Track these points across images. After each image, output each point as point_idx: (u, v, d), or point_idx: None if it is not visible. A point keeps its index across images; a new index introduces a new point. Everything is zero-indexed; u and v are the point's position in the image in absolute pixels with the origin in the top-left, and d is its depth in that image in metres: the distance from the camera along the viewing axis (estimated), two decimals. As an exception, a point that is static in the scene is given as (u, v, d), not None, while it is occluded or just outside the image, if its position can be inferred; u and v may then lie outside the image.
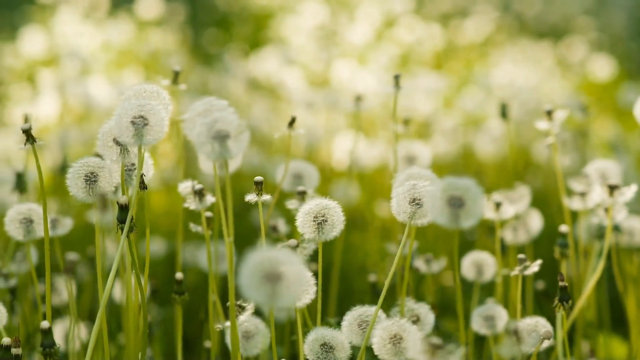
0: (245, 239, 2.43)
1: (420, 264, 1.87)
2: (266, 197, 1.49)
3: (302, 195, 1.66)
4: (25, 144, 1.40)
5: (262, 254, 1.11)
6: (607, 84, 3.97)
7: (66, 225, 1.71)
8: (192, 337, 2.17)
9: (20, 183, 1.85)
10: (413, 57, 3.82)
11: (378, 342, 1.43)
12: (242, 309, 1.42)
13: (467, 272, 1.85)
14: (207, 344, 1.77)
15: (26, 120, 1.83)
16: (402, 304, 1.60)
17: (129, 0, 5.22)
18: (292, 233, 1.89)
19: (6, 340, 1.46)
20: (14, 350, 1.46)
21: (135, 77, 3.42)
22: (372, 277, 1.94)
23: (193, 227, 1.63)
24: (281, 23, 4.80)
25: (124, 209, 1.41)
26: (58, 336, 1.85)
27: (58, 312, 2.02)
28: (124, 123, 1.40)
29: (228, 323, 1.58)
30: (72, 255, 1.77)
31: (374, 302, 1.70)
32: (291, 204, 1.65)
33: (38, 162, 1.42)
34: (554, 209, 2.30)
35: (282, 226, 1.83)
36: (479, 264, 1.84)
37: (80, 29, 4.50)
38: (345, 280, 2.34)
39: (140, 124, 1.39)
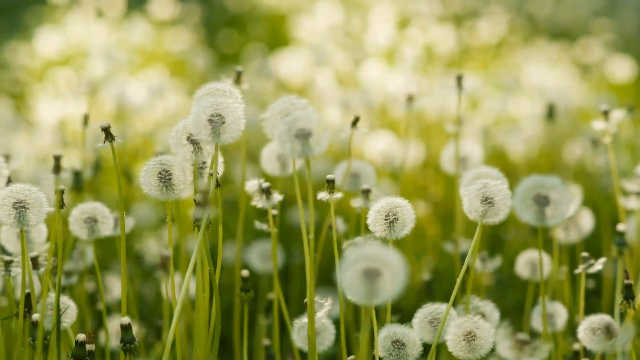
0: (290, 236, 2.44)
1: (477, 262, 1.88)
2: (337, 195, 1.50)
3: (366, 194, 1.67)
4: (104, 142, 1.41)
5: (362, 251, 1.12)
6: (626, 85, 3.99)
7: (128, 224, 1.72)
8: (229, 335, 2.17)
9: (78, 181, 1.86)
10: (435, 58, 3.83)
11: (452, 339, 1.44)
12: (320, 305, 1.43)
13: (522, 271, 1.86)
14: (266, 341, 1.78)
15: (86, 120, 1.84)
16: (467, 302, 1.61)
17: (142, 1, 5.22)
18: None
19: (81, 336, 1.47)
20: (87, 347, 1.47)
21: (161, 77, 3.42)
22: (425, 276, 1.95)
23: (258, 224, 1.64)
24: (297, 24, 4.81)
25: (201, 206, 1.42)
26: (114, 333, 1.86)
27: (109, 310, 2.03)
28: (201, 121, 1.41)
29: (305, 319, 1.60)
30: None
31: (424, 300, 1.72)
32: (355, 202, 1.66)
33: (115, 159, 1.43)
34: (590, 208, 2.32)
35: (340, 225, 1.84)
36: (534, 262, 1.86)
37: (95, 29, 4.50)
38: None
39: (217, 122, 1.40)
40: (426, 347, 1.51)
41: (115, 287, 2.04)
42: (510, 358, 1.25)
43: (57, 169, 1.36)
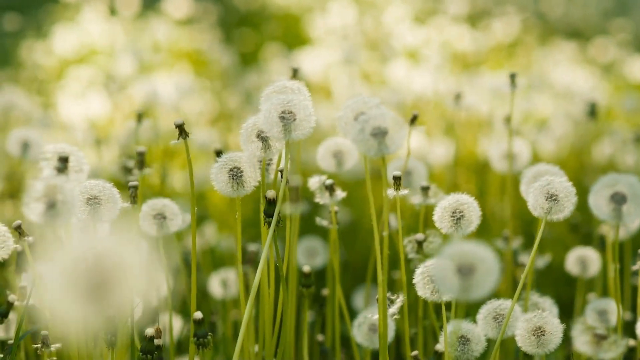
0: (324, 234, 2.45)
1: (525, 259, 1.90)
2: (404, 191, 1.51)
3: (425, 191, 1.69)
4: (178, 139, 1.43)
5: (456, 247, 1.13)
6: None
7: (185, 220, 1.73)
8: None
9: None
10: (457, 57, 3.85)
11: (521, 335, 1.46)
12: (391, 302, 1.44)
13: (572, 268, 1.89)
14: (320, 337, 1.80)
15: (139, 117, 1.85)
16: (526, 298, 1.63)
17: (156, 0, 5.24)
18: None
19: (149, 331, 1.48)
20: (156, 341, 1.49)
21: (188, 76, 3.44)
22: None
23: (319, 220, 1.65)
24: (312, 23, 4.82)
25: (272, 203, 1.44)
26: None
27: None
28: (273, 118, 1.42)
29: (366, 315, 1.62)
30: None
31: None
32: (415, 199, 1.68)
33: (189, 156, 1.44)
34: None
35: (393, 221, 1.86)
36: (584, 259, 1.88)
37: (114, 28, 4.51)
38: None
39: (289, 119, 1.42)
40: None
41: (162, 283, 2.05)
42: (588, 353, 1.27)
43: (141, 164, 1.38)
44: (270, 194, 1.44)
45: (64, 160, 1.31)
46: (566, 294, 2.38)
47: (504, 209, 2.47)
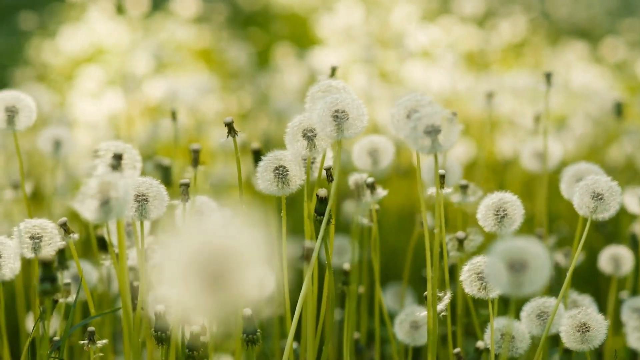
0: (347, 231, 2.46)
1: (560, 257, 1.92)
2: (447, 190, 1.52)
3: (464, 189, 1.70)
4: (227, 136, 1.43)
5: (508, 244, 1.14)
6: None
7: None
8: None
9: (167, 176, 1.88)
10: (469, 57, 3.86)
11: (566, 331, 1.48)
12: (439, 299, 1.45)
13: (605, 266, 1.90)
14: (356, 335, 1.81)
15: (174, 115, 1.85)
16: (566, 295, 1.64)
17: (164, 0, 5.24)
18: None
19: (195, 327, 1.49)
20: (202, 338, 1.50)
21: (201, 74, 3.44)
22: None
23: (359, 218, 1.66)
24: (319, 23, 4.83)
25: (323, 201, 1.45)
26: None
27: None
28: (325, 117, 1.43)
29: (407, 312, 1.63)
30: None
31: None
32: (454, 197, 1.69)
33: (237, 154, 1.45)
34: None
35: (429, 220, 1.87)
36: (617, 258, 1.89)
37: (124, 28, 4.51)
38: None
39: (343, 118, 1.43)
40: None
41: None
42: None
43: (196, 162, 1.38)
44: (322, 192, 1.45)
45: (118, 158, 1.31)
46: (589, 291, 2.39)
47: (527, 208, 2.48)
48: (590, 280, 2.44)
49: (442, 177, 1.52)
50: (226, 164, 2.92)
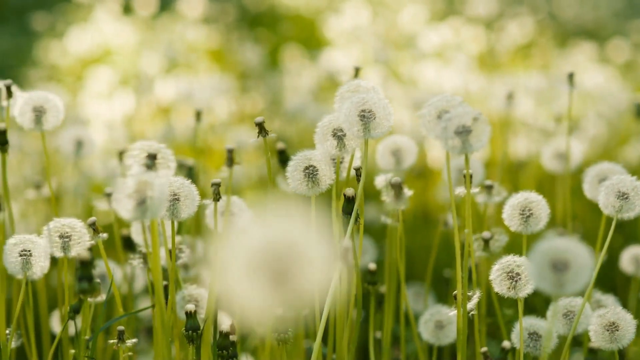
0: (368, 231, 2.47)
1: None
2: (474, 190, 1.53)
3: (489, 189, 1.71)
4: (257, 136, 1.44)
5: (550, 243, 1.15)
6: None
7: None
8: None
9: (191, 176, 1.88)
10: (480, 58, 3.88)
11: (595, 330, 1.48)
12: (469, 298, 1.46)
13: (627, 266, 1.91)
14: (378, 334, 1.81)
15: (198, 116, 1.86)
16: (589, 295, 1.65)
17: (170, 1, 5.25)
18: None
19: (225, 327, 1.50)
20: (231, 337, 1.50)
21: (213, 74, 3.45)
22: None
23: (383, 218, 1.67)
24: (327, 24, 4.84)
25: (350, 200, 1.45)
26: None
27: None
28: (352, 116, 1.44)
29: (431, 311, 1.64)
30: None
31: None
32: (480, 197, 1.70)
33: (268, 154, 1.46)
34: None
35: (450, 220, 1.88)
36: (638, 258, 1.90)
37: (128, 28, 4.52)
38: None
39: (370, 117, 1.44)
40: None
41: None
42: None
43: (231, 161, 1.39)
44: (349, 191, 1.46)
45: (152, 157, 1.32)
46: (607, 292, 2.40)
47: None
48: (606, 281, 2.44)
49: (470, 177, 1.53)
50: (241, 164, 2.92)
